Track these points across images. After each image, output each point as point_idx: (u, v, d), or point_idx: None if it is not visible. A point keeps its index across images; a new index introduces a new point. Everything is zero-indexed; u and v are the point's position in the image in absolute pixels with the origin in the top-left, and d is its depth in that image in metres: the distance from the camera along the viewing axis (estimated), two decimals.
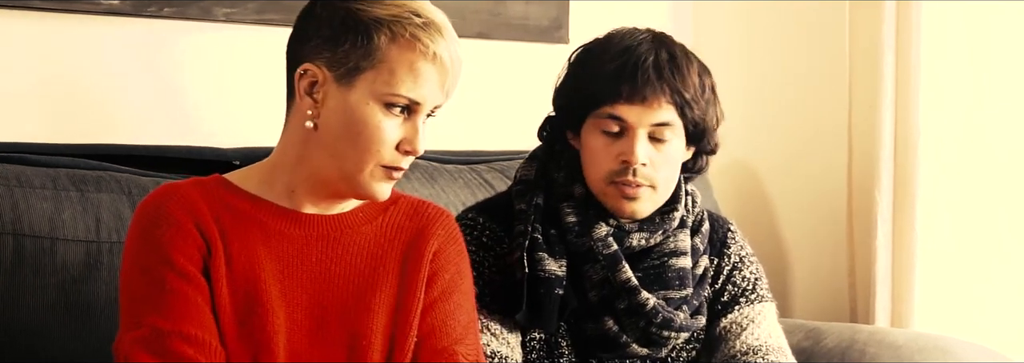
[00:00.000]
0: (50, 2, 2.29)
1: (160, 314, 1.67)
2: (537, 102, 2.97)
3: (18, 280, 2.04)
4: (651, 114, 2.02)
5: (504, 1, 2.88)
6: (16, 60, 2.30)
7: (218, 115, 2.51)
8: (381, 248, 1.81)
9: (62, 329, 2.06)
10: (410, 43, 1.71)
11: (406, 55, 1.72)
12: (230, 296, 1.71)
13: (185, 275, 1.69)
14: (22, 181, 2.11)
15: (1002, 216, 2.92)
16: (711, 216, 2.24)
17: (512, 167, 2.46)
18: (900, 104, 2.93)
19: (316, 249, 1.77)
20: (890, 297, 2.95)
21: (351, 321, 1.76)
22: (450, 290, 1.84)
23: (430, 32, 1.72)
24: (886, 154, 2.93)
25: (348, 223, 1.81)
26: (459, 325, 1.83)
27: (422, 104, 1.74)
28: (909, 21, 2.90)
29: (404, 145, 1.74)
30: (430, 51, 1.72)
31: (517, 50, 2.95)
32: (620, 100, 2.02)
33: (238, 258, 1.73)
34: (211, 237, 1.72)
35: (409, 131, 1.74)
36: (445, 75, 1.74)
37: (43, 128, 2.32)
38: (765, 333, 2.15)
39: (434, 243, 1.84)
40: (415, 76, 1.72)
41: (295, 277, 1.75)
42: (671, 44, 2.10)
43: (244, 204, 1.77)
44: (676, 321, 2.08)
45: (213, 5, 2.45)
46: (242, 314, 1.71)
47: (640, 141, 2.02)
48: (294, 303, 1.74)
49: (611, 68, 2.04)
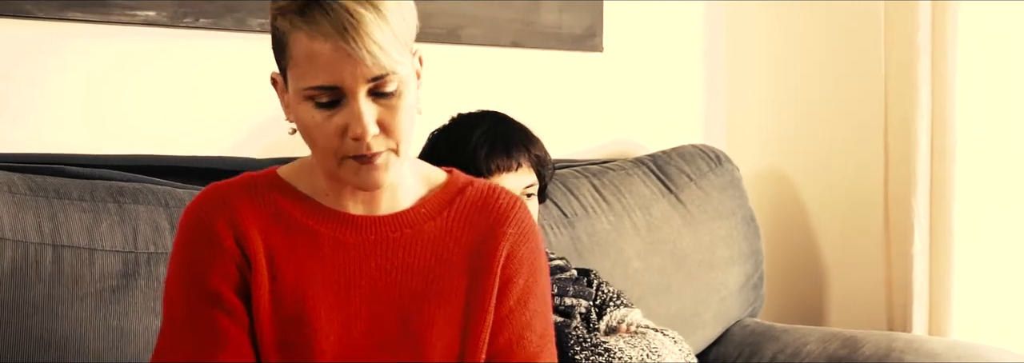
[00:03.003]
0: (87, 14, 2.31)
1: (191, 348, 1.60)
2: (571, 110, 2.99)
3: (57, 290, 2.06)
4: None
5: (538, 10, 2.88)
6: (54, 72, 2.32)
7: (253, 125, 2.52)
8: (446, 249, 1.68)
9: (99, 340, 2.07)
10: (297, 32, 1.56)
11: (300, 46, 1.56)
12: (272, 314, 1.62)
13: (218, 300, 1.60)
14: (61, 193, 2.13)
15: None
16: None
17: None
18: (936, 110, 2.91)
19: (375, 255, 1.65)
20: (927, 305, 2.93)
21: (412, 340, 1.64)
22: (526, 297, 1.70)
23: (308, 14, 1.54)
24: (922, 160, 2.91)
25: (408, 222, 1.68)
26: (536, 336, 1.70)
27: (342, 86, 1.56)
28: (945, 25, 2.88)
29: (349, 132, 1.57)
30: (316, 32, 1.54)
31: (551, 59, 2.95)
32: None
33: (284, 272, 1.63)
34: (253, 251, 1.62)
35: (347, 116, 1.57)
36: (348, 43, 1.53)
37: (81, 140, 2.34)
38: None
39: (505, 245, 1.70)
40: (315, 63, 1.55)
41: (351, 288, 1.63)
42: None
43: (296, 209, 1.66)
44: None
45: (248, 16, 2.47)
46: (288, 336, 1.61)
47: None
48: (350, 318, 1.63)
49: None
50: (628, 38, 3.07)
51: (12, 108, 2.28)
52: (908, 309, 2.93)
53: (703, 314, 2.83)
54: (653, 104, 3.13)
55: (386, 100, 1.58)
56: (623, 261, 2.72)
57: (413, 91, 1.62)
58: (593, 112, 3.03)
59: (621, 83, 3.07)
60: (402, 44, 1.58)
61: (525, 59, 2.90)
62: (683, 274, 2.81)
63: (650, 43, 3.12)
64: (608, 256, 2.70)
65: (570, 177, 2.77)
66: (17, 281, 2.03)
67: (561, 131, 2.78)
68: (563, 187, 2.72)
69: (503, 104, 2.40)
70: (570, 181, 2.75)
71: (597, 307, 2.40)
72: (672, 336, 2.33)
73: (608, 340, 2.22)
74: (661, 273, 2.77)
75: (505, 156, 2.24)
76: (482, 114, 2.33)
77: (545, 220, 2.57)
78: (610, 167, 2.88)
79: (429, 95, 2.13)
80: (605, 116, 3.05)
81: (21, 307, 2.03)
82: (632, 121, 3.10)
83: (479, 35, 2.80)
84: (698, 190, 2.90)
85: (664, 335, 2.32)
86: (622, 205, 2.79)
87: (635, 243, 2.76)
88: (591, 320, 2.35)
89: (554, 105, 2.94)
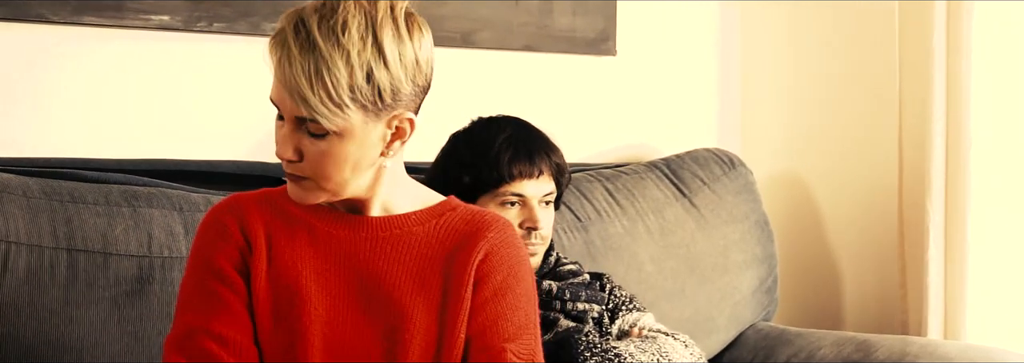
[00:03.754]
0: (102, 18, 2.32)
1: (193, 313, 1.74)
2: (584, 114, 2.99)
3: (72, 294, 2.07)
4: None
5: (551, 14, 2.88)
6: (68, 76, 2.33)
7: (267, 130, 2.51)
8: (430, 248, 1.81)
9: (114, 343, 2.08)
10: (269, 44, 1.71)
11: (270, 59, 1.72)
12: (268, 290, 1.75)
13: (220, 275, 1.75)
14: (75, 197, 2.13)
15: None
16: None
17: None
18: (951, 113, 2.90)
19: (364, 248, 1.79)
20: (942, 309, 2.92)
21: (393, 315, 1.76)
22: (502, 291, 1.81)
23: (275, 40, 1.70)
24: (937, 164, 2.91)
25: (398, 224, 1.81)
26: (512, 325, 1.81)
27: (278, 107, 1.71)
28: (960, 27, 2.87)
29: (276, 148, 1.73)
30: (276, 50, 1.69)
31: (564, 63, 2.95)
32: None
33: (281, 256, 1.77)
34: (254, 237, 1.77)
35: (277, 135, 1.73)
36: (284, 86, 1.68)
37: (95, 144, 2.34)
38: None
39: (484, 245, 1.81)
40: (273, 76, 1.71)
41: (339, 273, 1.77)
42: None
43: (300, 211, 1.80)
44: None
45: (262, 20, 2.47)
46: (281, 307, 1.75)
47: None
48: (337, 296, 1.76)
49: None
50: (641, 42, 3.07)
51: (27, 112, 2.29)
52: (922, 313, 2.93)
53: (717, 318, 2.83)
54: (667, 108, 3.13)
55: (315, 138, 1.70)
56: (636, 265, 2.72)
57: (356, 143, 1.71)
58: (606, 116, 3.03)
59: (634, 87, 3.07)
60: (337, 99, 1.66)
61: (538, 63, 2.90)
62: (697, 278, 2.80)
63: (663, 47, 3.12)
64: (622, 260, 2.70)
65: (583, 181, 2.77)
66: (32, 285, 2.04)
67: (574, 135, 2.78)
68: (577, 191, 2.72)
69: (516, 108, 2.40)
70: (583, 185, 2.75)
71: (609, 311, 2.40)
72: (683, 340, 2.33)
73: (619, 345, 2.22)
74: (675, 277, 2.77)
75: (528, 162, 2.25)
76: (505, 119, 2.33)
77: (558, 224, 2.57)
78: (624, 171, 2.88)
79: (443, 99, 2.15)
80: (618, 120, 3.05)
81: (36, 311, 2.03)
82: (645, 125, 3.10)
83: (492, 39, 2.80)
84: (712, 194, 2.90)
85: (675, 339, 2.32)
86: (635, 209, 2.79)
87: (649, 247, 2.76)
88: (604, 324, 2.35)
89: (567, 109, 2.94)
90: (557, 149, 2.32)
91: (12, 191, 2.08)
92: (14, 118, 2.28)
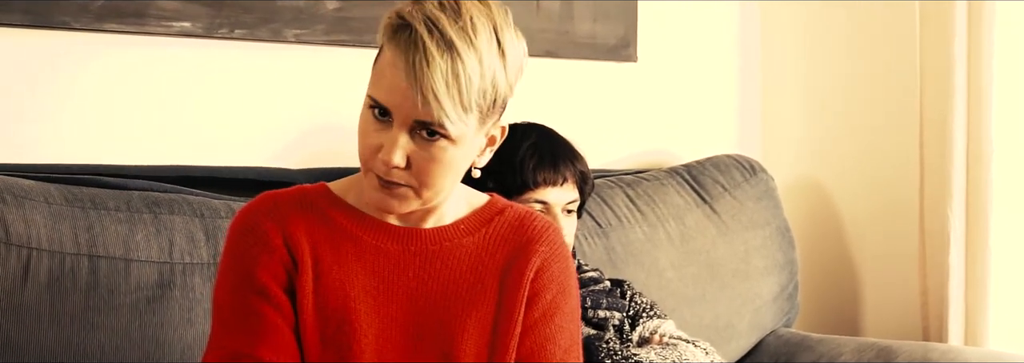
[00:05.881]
0: (123, 25, 2.33)
1: (236, 335, 1.65)
2: (605, 120, 2.98)
3: (93, 301, 2.07)
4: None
5: (572, 20, 2.88)
6: (91, 82, 2.33)
7: (289, 136, 2.53)
8: (482, 263, 1.73)
9: (135, 349, 2.09)
10: (388, 45, 1.60)
11: (385, 58, 1.60)
12: (315, 312, 1.66)
13: (265, 293, 1.65)
14: (96, 203, 2.14)
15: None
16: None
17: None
18: (972, 117, 2.89)
19: (413, 265, 1.70)
20: (964, 315, 2.91)
21: (445, 340, 1.69)
22: (552, 312, 1.75)
23: (399, 36, 1.58)
24: (958, 169, 2.90)
25: (448, 236, 1.73)
26: (559, 349, 1.75)
27: (392, 110, 1.59)
28: (980, 31, 2.86)
29: (380, 153, 1.61)
30: (396, 56, 1.58)
31: (585, 69, 2.95)
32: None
33: (328, 274, 1.67)
34: (299, 252, 1.67)
35: (384, 138, 1.61)
36: (410, 82, 1.56)
37: (116, 150, 2.35)
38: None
39: (536, 260, 1.74)
40: (384, 79, 1.59)
41: (390, 293, 1.69)
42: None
43: (343, 218, 1.71)
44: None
45: (283, 27, 2.48)
46: (329, 330, 1.66)
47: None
48: (388, 319, 1.68)
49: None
50: (662, 48, 3.07)
51: (49, 118, 2.30)
52: (944, 319, 2.92)
53: (737, 324, 2.82)
54: (687, 114, 3.13)
55: (427, 143, 1.61)
56: (657, 271, 2.72)
57: (464, 150, 1.64)
58: (627, 122, 3.03)
59: (655, 93, 3.07)
60: (467, 103, 1.58)
61: (559, 69, 2.90)
62: (717, 284, 2.80)
63: (684, 53, 3.12)
64: (642, 266, 2.70)
65: (604, 187, 2.77)
66: (53, 291, 2.05)
67: (595, 141, 2.78)
68: (597, 197, 2.72)
69: (537, 114, 2.40)
70: (604, 191, 2.75)
71: (630, 318, 2.40)
72: (703, 347, 2.33)
73: (639, 352, 2.22)
74: (695, 283, 2.77)
75: (552, 170, 2.25)
76: (529, 126, 2.33)
77: (579, 230, 2.57)
78: (644, 177, 2.88)
79: None
80: (639, 126, 3.05)
81: (57, 317, 2.04)
82: (666, 131, 3.09)
83: None
84: (732, 200, 2.90)
85: (695, 346, 2.31)
86: (656, 215, 2.78)
87: (669, 253, 2.75)
88: (624, 331, 2.35)
89: (588, 115, 2.94)
90: (581, 157, 2.32)
91: (34, 197, 2.09)
92: (37, 124, 2.29)
